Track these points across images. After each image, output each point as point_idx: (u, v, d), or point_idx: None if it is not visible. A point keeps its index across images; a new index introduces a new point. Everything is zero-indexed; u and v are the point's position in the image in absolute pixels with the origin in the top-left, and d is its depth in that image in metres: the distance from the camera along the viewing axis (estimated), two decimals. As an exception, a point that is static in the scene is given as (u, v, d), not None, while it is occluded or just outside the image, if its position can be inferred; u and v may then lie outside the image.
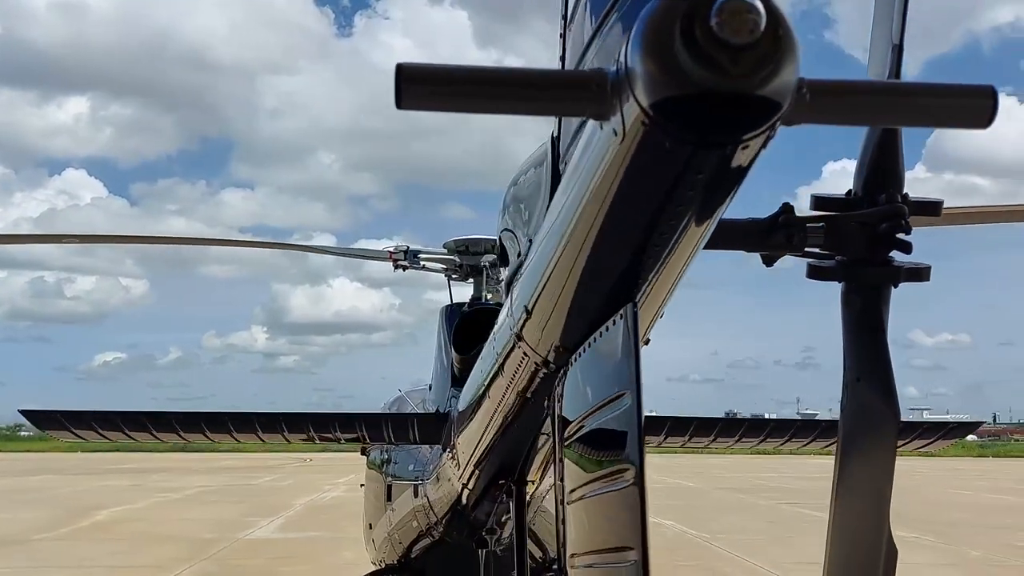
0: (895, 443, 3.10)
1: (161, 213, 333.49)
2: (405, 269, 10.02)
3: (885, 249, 3.00)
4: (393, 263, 10.02)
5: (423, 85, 1.96)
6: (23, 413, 7.13)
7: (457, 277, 9.47)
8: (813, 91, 1.97)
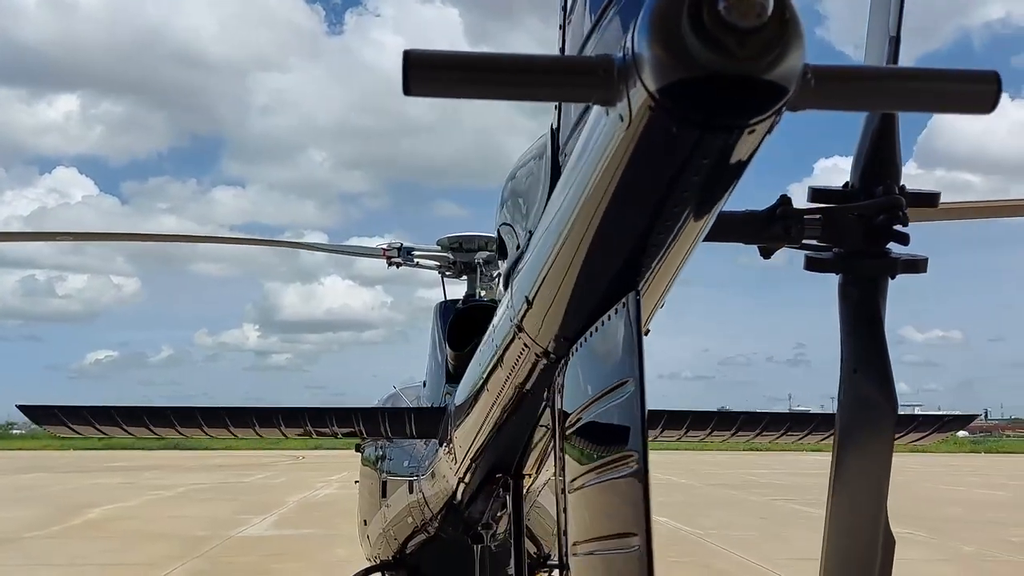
0: (892, 435, 3.11)
1: (152, 211, 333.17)
2: (399, 266, 10.01)
3: (882, 241, 3.00)
4: (387, 260, 10.01)
5: (431, 71, 1.96)
6: (20, 408, 7.12)
7: (451, 274, 9.46)
8: (818, 76, 1.97)
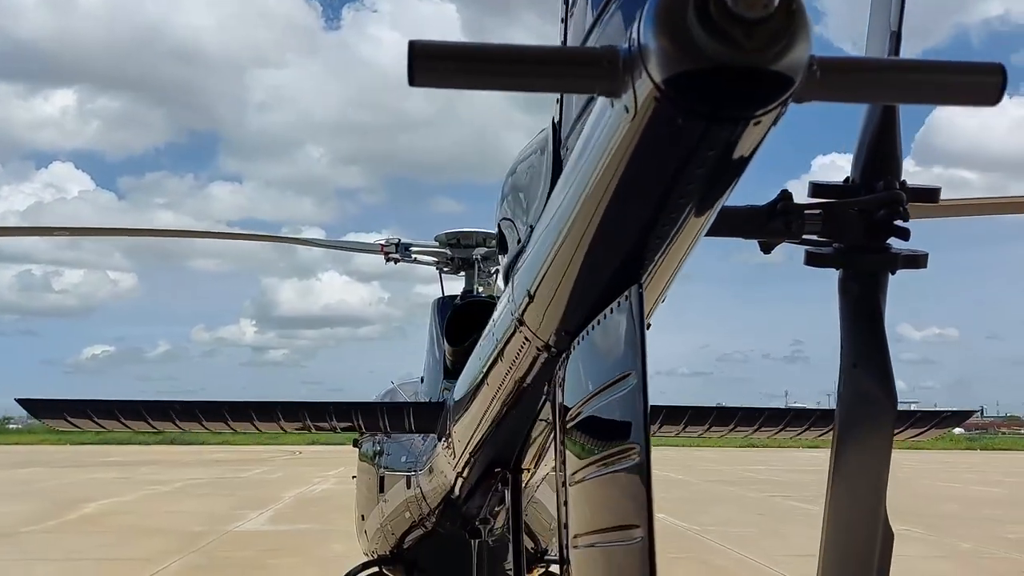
0: (892, 429, 3.11)
1: (149, 207, 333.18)
2: (396, 262, 10.00)
3: (883, 236, 3.00)
4: (384, 256, 9.99)
5: (436, 62, 1.95)
6: (20, 402, 7.10)
7: (449, 270, 9.46)
8: (823, 68, 1.97)
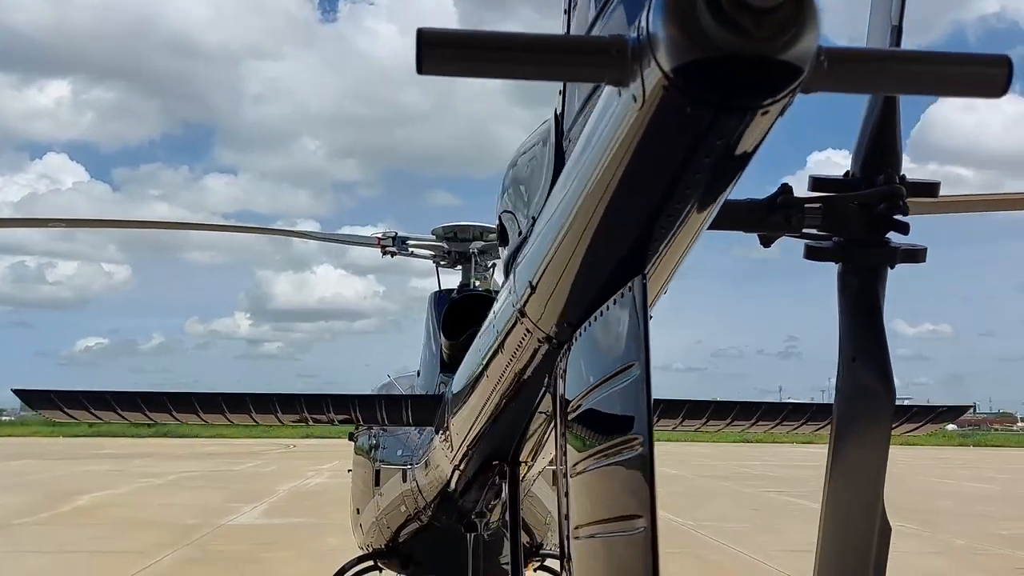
0: (890, 423, 3.12)
1: (144, 198, 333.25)
2: (393, 255, 9.98)
3: (882, 230, 3.00)
4: (381, 249, 9.98)
5: (444, 50, 1.95)
6: (16, 392, 7.08)
7: (445, 264, 9.44)
8: (831, 58, 1.97)
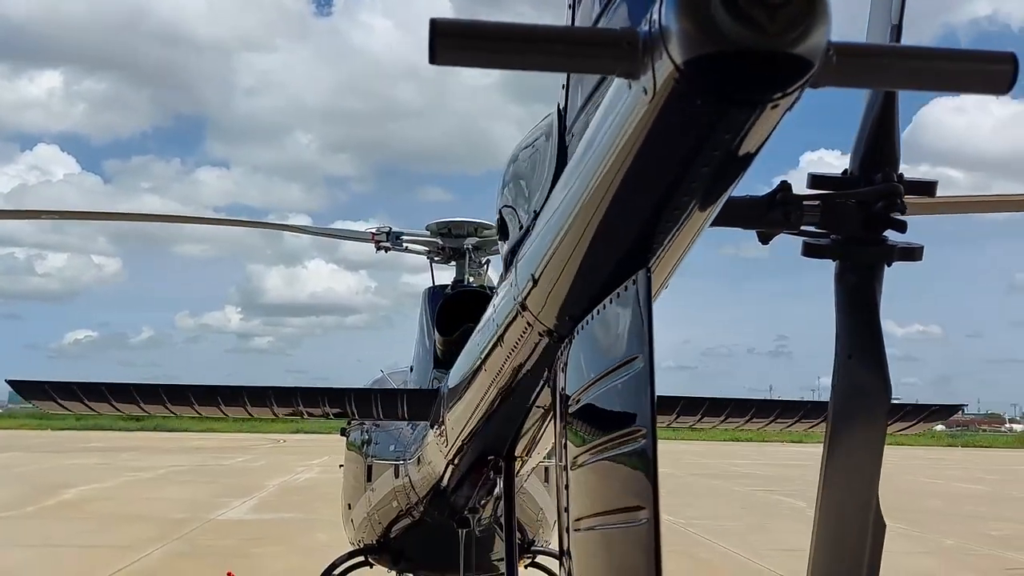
0: (886, 421, 3.14)
1: (135, 191, 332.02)
2: (387, 251, 9.96)
3: (880, 228, 3.02)
4: (375, 245, 9.95)
5: (457, 40, 1.96)
6: (10, 383, 7.06)
7: (439, 260, 9.43)
8: (840, 53, 1.99)
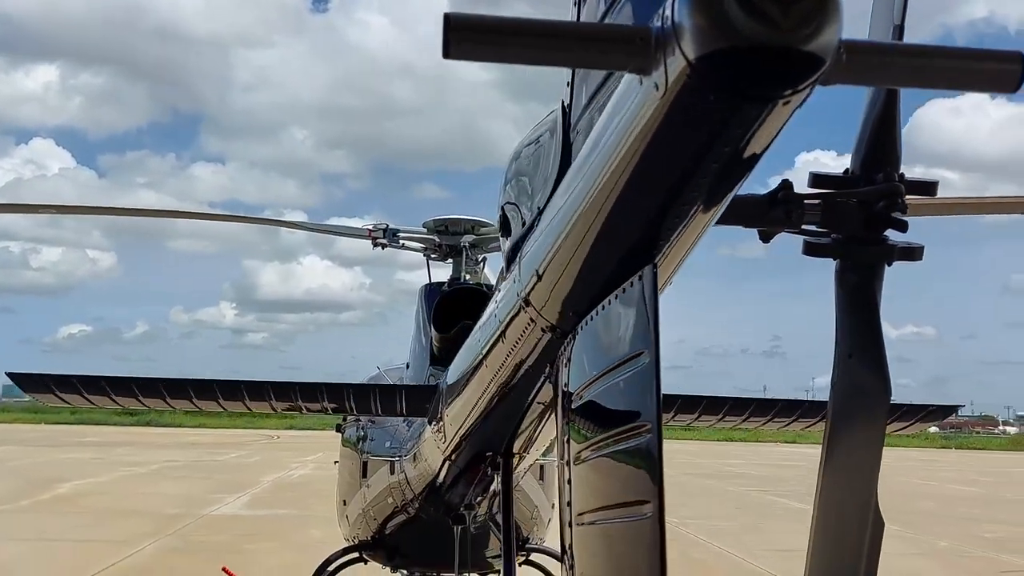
0: (885, 420, 3.14)
1: (130, 185, 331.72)
2: (384, 247, 9.95)
3: (881, 227, 3.03)
4: (372, 241, 9.94)
5: (470, 34, 1.97)
6: (11, 376, 7.05)
7: (436, 257, 9.42)
8: (849, 51, 1.99)
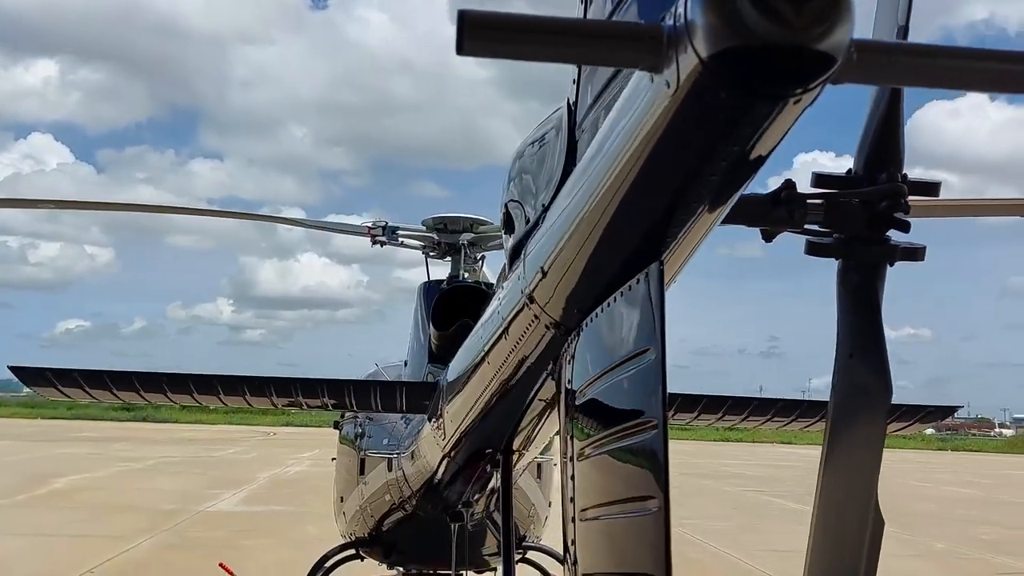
0: (886, 420, 3.15)
1: (129, 181, 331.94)
2: (383, 245, 9.94)
3: (883, 227, 3.03)
4: (371, 238, 9.94)
5: (486, 31, 1.98)
6: (12, 369, 7.06)
7: (435, 255, 9.42)
8: (860, 50, 2.00)
